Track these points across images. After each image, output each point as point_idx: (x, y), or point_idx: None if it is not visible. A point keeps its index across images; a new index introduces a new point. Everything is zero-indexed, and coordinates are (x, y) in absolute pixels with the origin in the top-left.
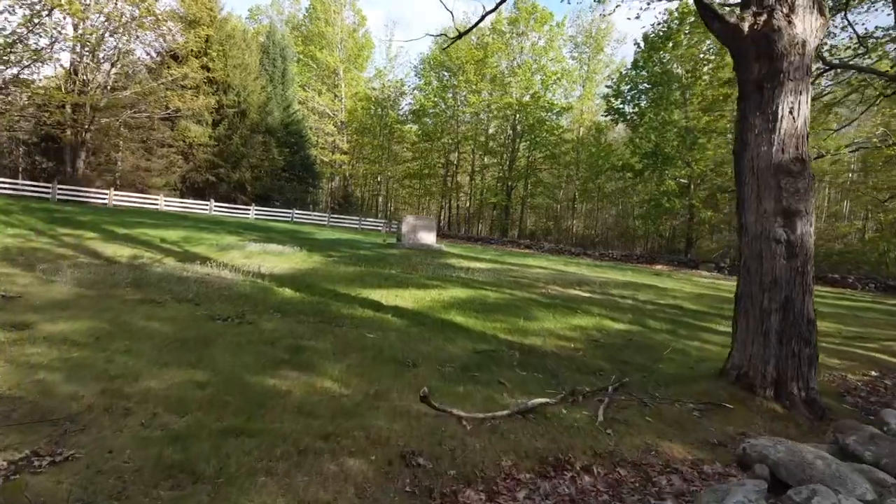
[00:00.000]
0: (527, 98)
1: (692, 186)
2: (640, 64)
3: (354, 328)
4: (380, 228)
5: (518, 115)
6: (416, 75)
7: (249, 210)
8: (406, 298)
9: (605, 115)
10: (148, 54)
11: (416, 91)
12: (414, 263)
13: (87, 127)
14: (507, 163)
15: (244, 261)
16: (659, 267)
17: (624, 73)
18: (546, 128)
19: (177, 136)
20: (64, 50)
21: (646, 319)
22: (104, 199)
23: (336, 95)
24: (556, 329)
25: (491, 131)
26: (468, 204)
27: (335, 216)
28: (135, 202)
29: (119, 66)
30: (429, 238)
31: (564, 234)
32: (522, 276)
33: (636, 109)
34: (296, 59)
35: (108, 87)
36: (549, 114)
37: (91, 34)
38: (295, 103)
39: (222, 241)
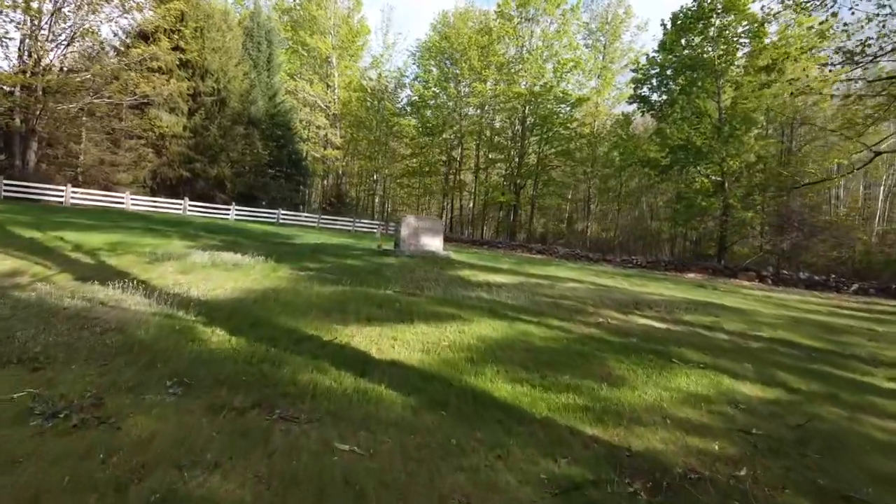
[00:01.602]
0: (538, 88)
1: (726, 184)
2: (668, 46)
3: (314, 425)
4: (374, 232)
5: (528, 107)
6: (414, 63)
7: (229, 210)
8: (410, 343)
9: (630, 103)
10: (115, 34)
11: (415, 81)
12: (418, 278)
13: (37, 113)
14: (516, 159)
15: (177, 278)
16: (692, 275)
17: (652, 55)
18: (559, 121)
19: (146, 126)
20: (8, 22)
21: (774, 372)
22: (61, 196)
23: (329, 85)
24: (668, 407)
25: (497, 125)
26: (472, 204)
27: (326, 217)
28: (97, 201)
29: (78, 44)
30: (434, 243)
31: (578, 237)
32: (560, 296)
33: (664, 97)
34: (284, 45)
35: (64, 69)
36: (563, 105)
37: (42, 2)
38: (282, 92)
39: (163, 249)
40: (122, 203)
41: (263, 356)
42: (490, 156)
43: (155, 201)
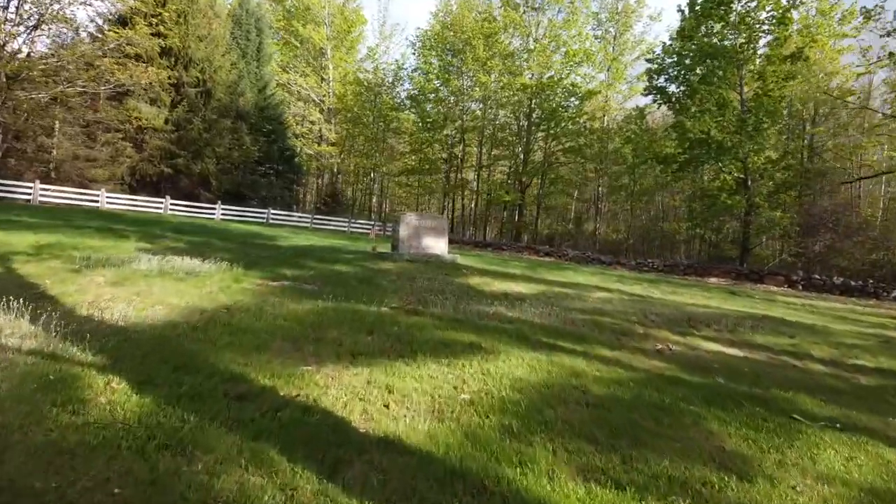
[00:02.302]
0: (545, 79)
1: (749, 181)
2: (687, 33)
3: None
4: (368, 232)
5: (534, 101)
6: (414, 54)
7: (215, 209)
8: (412, 399)
9: (645, 94)
10: (91, 19)
11: (415, 73)
12: (420, 289)
13: (1, 102)
14: (521, 156)
15: (101, 292)
16: (714, 280)
17: (668, 43)
18: (567, 115)
19: (123, 118)
20: None
21: None
22: (28, 194)
23: (323, 78)
24: None
25: (501, 120)
26: (474, 204)
27: (321, 217)
28: (69, 199)
29: (48, 29)
30: (437, 245)
31: (587, 238)
32: (594, 310)
33: (683, 88)
34: (276, 36)
35: (33, 55)
36: (573, 98)
37: None
38: (272, 84)
39: (104, 253)
40: (96, 201)
41: (171, 435)
42: (493, 153)
43: (133, 200)
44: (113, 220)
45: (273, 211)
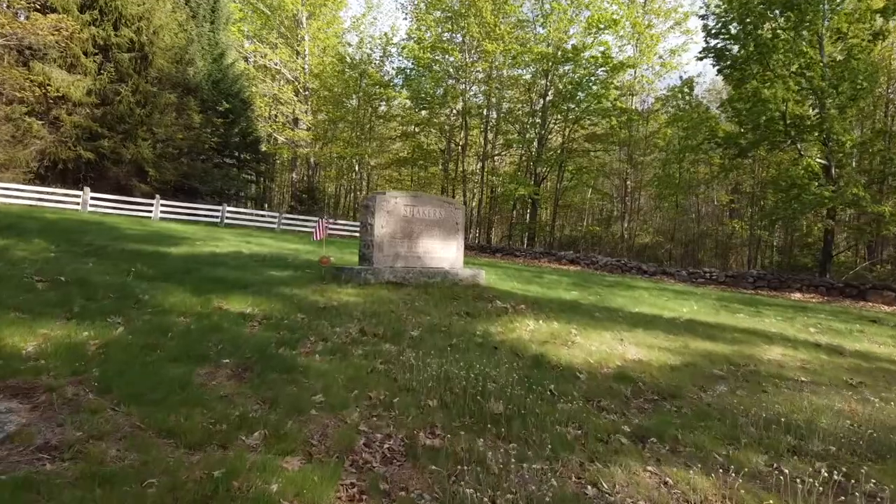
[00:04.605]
0: (572, 43)
1: (833, 169)
2: None
3: None
4: (313, 232)
5: (551, 75)
6: (405, 19)
7: (152, 206)
8: None
9: (700, 58)
10: None
11: (408, 41)
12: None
13: None
14: (535, 143)
15: None
16: (797, 296)
17: None
18: (592, 94)
19: (27, 86)
20: None
21: None
22: None
23: (297, 52)
24: None
25: (510, 102)
26: (478, 200)
27: (292, 218)
28: None
29: None
30: (445, 251)
31: (615, 242)
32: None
33: (752, 48)
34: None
35: None
36: (600, 70)
37: None
38: (231, 52)
39: None
40: None
41: None
42: (500, 140)
43: (41, 193)
44: None
45: (230, 209)
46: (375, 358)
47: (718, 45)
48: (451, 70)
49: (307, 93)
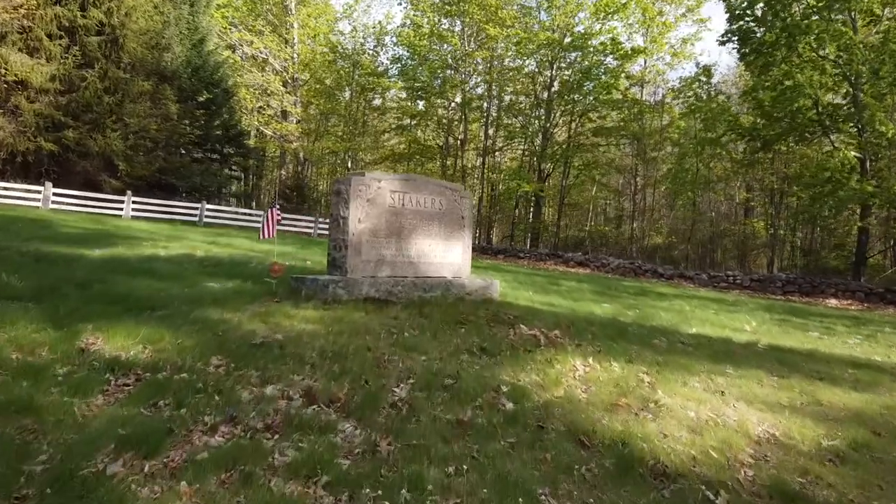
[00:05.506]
0: (578, 30)
1: (868, 162)
2: None
3: None
4: (260, 228)
5: (557, 64)
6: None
7: (123, 203)
8: None
9: (722, 42)
10: None
11: (404, 27)
12: None
13: None
14: (539, 136)
15: None
16: (834, 302)
17: None
18: (601, 83)
19: None
20: None
21: None
22: None
23: (286, 40)
24: None
25: (511, 97)
26: (478, 198)
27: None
28: None
29: None
30: (446, 255)
31: (624, 242)
32: None
33: (780, 31)
34: None
35: None
36: (609, 59)
37: None
38: (213, 38)
39: None
40: None
41: None
42: (502, 134)
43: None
44: None
45: (210, 206)
46: (320, 471)
47: (743, 27)
48: (450, 59)
49: (296, 83)
